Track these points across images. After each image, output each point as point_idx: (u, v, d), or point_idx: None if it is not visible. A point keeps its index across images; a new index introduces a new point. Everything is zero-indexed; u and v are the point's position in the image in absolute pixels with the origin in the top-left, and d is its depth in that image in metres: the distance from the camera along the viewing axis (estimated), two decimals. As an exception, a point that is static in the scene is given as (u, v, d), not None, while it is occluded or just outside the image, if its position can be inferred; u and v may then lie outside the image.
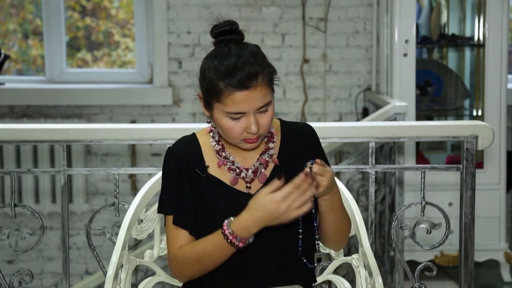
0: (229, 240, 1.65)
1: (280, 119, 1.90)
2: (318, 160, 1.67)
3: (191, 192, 1.78)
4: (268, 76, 1.71)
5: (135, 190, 4.51)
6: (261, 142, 1.80)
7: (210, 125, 1.83)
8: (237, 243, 1.65)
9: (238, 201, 1.75)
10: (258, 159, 1.81)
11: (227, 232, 1.65)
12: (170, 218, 1.78)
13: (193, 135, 1.85)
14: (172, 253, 1.78)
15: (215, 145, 1.81)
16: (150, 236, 2.04)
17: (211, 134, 1.83)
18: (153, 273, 2.04)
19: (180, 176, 1.78)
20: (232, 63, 1.67)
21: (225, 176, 1.80)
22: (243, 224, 1.64)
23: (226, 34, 1.74)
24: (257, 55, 1.71)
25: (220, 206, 1.76)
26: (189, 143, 1.83)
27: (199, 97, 1.78)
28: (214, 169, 1.80)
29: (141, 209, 2.00)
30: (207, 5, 4.47)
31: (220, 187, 1.79)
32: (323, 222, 1.80)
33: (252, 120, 1.70)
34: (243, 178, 1.79)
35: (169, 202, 1.79)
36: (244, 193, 1.78)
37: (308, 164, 1.67)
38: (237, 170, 1.79)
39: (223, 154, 1.80)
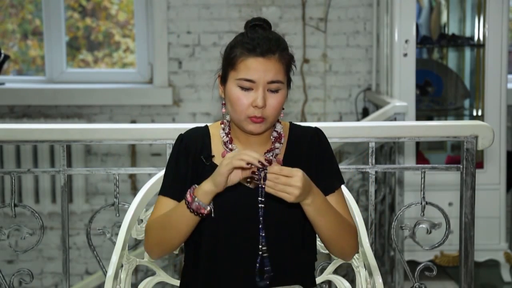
0: (187, 202, 1.70)
1: (290, 122, 1.92)
2: (275, 160, 1.74)
3: (191, 176, 1.81)
4: (286, 57, 1.77)
5: (135, 190, 4.51)
6: (266, 131, 1.81)
7: (223, 108, 1.85)
8: (192, 203, 1.69)
9: (237, 192, 1.77)
10: None
11: (188, 197, 1.70)
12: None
13: (206, 126, 1.90)
14: (147, 222, 1.83)
15: (223, 136, 1.84)
16: (150, 236, 2.03)
17: (222, 126, 1.87)
18: (153, 273, 2.03)
19: (186, 160, 1.82)
20: (256, 37, 1.75)
21: None
22: (202, 189, 1.69)
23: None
24: (281, 41, 1.79)
25: (219, 194, 1.77)
26: (200, 132, 1.88)
27: (218, 77, 1.84)
28: (219, 160, 1.82)
29: (141, 209, 2.00)
30: (207, 5, 4.47)
31: None
32: (317, 229, 1.79)
33: (260, 93, 1.74)
34: None
35: (164, 185, 1.84)
36: (243, 185, 1.79)
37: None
38: None
39: (230, 146, 1.83)
